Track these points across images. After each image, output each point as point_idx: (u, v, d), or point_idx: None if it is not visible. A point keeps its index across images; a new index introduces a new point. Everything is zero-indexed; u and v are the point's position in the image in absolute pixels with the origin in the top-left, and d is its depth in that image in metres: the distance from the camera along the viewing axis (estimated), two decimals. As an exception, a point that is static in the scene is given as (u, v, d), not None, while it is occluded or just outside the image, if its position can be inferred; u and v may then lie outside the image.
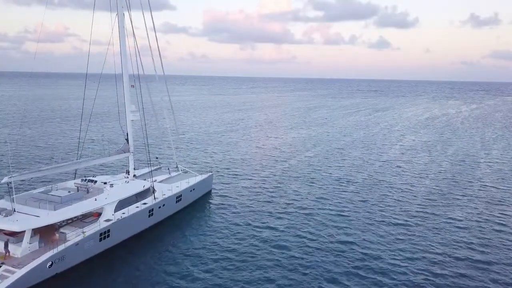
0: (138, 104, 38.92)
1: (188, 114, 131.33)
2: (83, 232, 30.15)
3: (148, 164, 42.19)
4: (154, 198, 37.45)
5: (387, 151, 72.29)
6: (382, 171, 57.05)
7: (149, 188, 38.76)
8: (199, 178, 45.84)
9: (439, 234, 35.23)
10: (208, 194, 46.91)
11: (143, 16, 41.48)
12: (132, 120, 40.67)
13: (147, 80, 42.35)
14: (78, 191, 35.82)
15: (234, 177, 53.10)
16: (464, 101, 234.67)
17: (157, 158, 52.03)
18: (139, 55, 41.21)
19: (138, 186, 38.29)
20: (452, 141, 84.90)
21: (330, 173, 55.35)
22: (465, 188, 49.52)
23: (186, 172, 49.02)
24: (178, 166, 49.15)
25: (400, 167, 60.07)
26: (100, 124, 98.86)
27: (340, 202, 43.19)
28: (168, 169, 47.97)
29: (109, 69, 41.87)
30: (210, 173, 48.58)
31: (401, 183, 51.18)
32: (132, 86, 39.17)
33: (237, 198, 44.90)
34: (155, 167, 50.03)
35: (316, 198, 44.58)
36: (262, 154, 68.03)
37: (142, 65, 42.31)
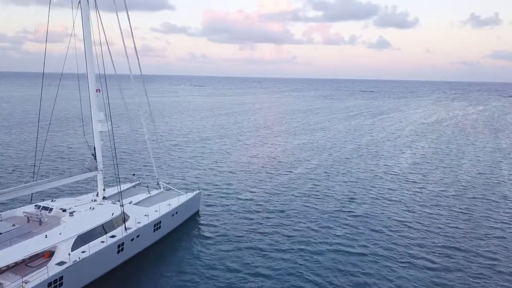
0: (105, 111, 31.92)
1: (174, 119, 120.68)
2: (23, 283, 23.11)
3: (118, 182, 35.03)
4: (125, 229, 30.34)
5: (397, 162, 65.15)
6: (394, 188, 49.68)
7: (120, 215, 31.72)
8: (183, 198, 38.74)
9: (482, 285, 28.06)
10: (194, 217, 39.86)
11: (115, 8, 34.75)
12: (100, 132, 33.62)
13: (121, 82, 35.48)
14: (28, 221, 28.82)
15: (225, 195, 45.89)
16: (469, 103, 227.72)
17: (134, 174, 44.82)
18: (108, 53, 34.33)
19: (106, 213, 31.24)
20: (466, 149, 77.83)
21: (335, 192, 47.61)
22: (497, 213, 41.72)
23: (168, 189, 41.98)
24: (160, 182, 42.10)
25: (414, 182, 52.75)
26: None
27: (347, 234, 35.37)
28: (147, 187, 40.84)
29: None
30: (198, 191, 41.50)
31: (420, 205, 43.72)
32: (98, 90, 32.09)
33: (228, 223, 37.79)
34: (134, 183, 43.05)
35: (320, 227, 36.84)
36: (258, 166, 60.59)
37: (113, 65, 35.54)
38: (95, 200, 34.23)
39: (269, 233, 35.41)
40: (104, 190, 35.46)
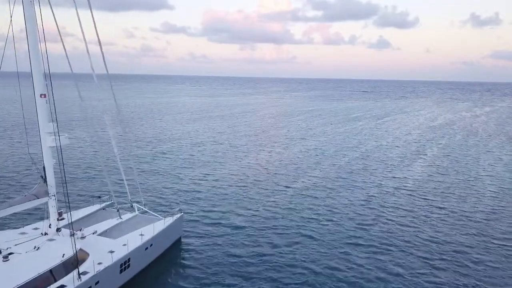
0: (54, 120, 25.17)
1: (162, 123, 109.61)
2: None
3: (68, 208, 28.18)
4: (79, 276, 23.39)
5: (409, 174, 57.94)
6: (410, 209, 42.06)
7: (73, 256, 24.79)
8: (161, 225, 31.85)
9: None
10: (174, 247, 33.04)
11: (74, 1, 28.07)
12: (51, 147, 26.77)
13: (80, 82, 28.75)
14: None
15: (213, 219, 38.68)
16: (475, 103, 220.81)
17: (99, 197, 37.81)
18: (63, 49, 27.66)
19: (56, 254, 24.35)
20: (483, 158, 70.87)
21: (340, 216, 39.79)
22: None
23: (144, 212, 35.14)
24: (133, 204, 35.24)
25: (433, 202, 45.46)
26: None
27: (357, 281, 28.72)
28: (118, 210, 33.88)
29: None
30: (180, 214, 34.56)
31: (445, 234, 36.55)
32: (42, 96, 25.27)
33: (215, 258, 30.94)
34: (104, 204, 36.13)
35: (323, 269, 29.89)
36: (253, 179, 52.68)
37: (70, 63, 28.89)
38: (45, 234, 27.38)
39: (262, 277, 28.53)
40: (58, 219, 28.57)
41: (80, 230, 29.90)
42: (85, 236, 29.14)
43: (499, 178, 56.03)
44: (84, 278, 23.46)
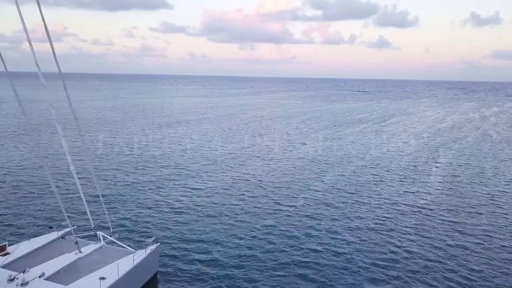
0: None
1: (138, 127, 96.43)
2: None
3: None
4: None
5: (426, 188, 50.46)
6: (435, 238, 34.43)
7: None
8: (129, 262, 25.27)
9: None
10: (149, 286, 26.56)
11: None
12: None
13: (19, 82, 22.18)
14: None
15: (198, 250, 31.89)
16: (481, 104, 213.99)
17: (51, 227, 31.06)
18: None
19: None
20: (503, 166, 64.25)
21: (351, 250, 32.55)
22: None
23: (110, 243, 28.59)
24: (97, 232, 28.67)
25: (459, 225, 38.71)
26: None
27: None
28: (77, 242, 27.22)
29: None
30: (155, 245, 27.95)
31: (479, 273, 30.42)
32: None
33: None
34: (62, 232, 29.53)
35: None
36: (246, 197, 44.74)
37: (2, 59, 22.44)
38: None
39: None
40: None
41: (24, 271, 23.46)
42: (27, 282, 22.62)
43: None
44: None
